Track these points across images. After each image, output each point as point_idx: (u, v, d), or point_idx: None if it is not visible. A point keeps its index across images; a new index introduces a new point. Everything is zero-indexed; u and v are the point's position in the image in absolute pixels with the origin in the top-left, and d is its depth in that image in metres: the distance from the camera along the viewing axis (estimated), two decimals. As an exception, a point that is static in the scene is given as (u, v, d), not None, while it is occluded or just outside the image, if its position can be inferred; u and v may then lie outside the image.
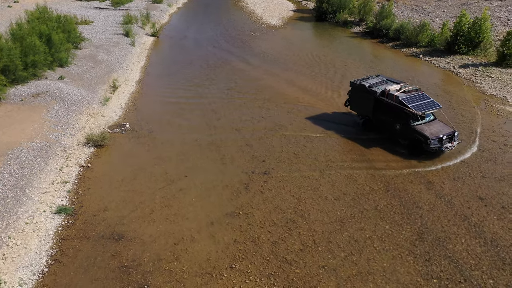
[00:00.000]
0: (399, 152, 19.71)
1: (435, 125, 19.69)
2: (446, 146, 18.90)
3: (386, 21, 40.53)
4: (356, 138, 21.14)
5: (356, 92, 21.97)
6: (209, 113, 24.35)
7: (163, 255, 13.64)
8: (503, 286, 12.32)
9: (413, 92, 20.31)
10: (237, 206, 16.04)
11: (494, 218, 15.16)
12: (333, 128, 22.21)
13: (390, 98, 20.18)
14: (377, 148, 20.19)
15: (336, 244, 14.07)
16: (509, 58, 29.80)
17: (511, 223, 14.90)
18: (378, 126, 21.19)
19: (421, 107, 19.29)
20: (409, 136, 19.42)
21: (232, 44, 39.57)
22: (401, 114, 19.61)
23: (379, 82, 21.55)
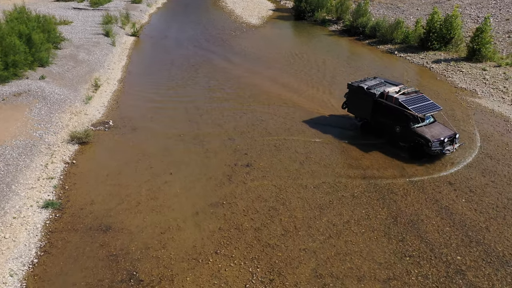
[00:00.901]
0: (369, 141, 20.65)
1: (436, 127, 19.38)
2: (447, 148, 18.52)
3: (363, 19, 41.67)
4: (330, 125, 22.02)
5: (354, 94, 21.51)
6: (192, 110, 24.86)
7: (151, 243, 14.14)
8: (470, 262, 13.27)
9: (412, 94, 19.99)
10: (221, 197, 16.64)
11: (463, 201, 16.17)
12: (310, 122, 23.01)
13: (389, 100, 19.84)
14: (351, 140, 21.10)
15: (315, 228, 14.82)
16: (479, 53, 31.17)
17: (477, 204, 15.92)
18: (377, 129, 20.84)
19: (421, 109, 18.97)
20: (409, 139, 19.05)
21: (213, 43, 40.08)
22: (401, 117, 19.28)
23: (377, 84, 21.16)
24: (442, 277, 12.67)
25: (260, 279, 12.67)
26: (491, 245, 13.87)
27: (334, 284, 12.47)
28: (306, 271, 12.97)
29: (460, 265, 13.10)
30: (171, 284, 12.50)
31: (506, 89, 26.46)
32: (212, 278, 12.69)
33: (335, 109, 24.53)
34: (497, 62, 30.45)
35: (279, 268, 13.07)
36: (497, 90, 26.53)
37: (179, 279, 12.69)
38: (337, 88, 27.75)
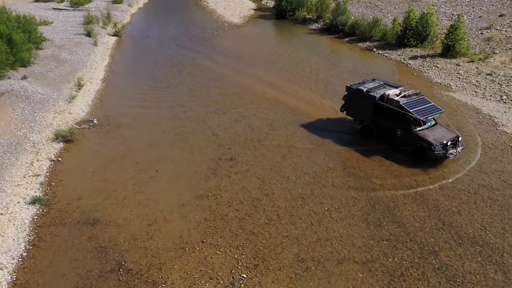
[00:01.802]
0: (350, 132, 21.42)
1: (438, 130, 19.02)
2: (450, 152, 18.15)
3: (342, 18, 42.55)
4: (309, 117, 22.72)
5: (353, 97, 21.06)
6: (176, 107, 25.23)
7: (138, 235, 14.54)
8: (443, 243, 14.06)
9: (413, 96, 19.55)
10: (206, 189, 17.12)
11: (436, 187, 17.02)
12: (291, 117, 23.66)
13: (390, 103, 19.34)
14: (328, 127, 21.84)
15: (298, 217, 15.44)
16: (453, 49, 32.30)
17: (450, 190, 16.79)
18: (378, 133, 20.41)
19: (422, 112, 18.48)
20: (411, 142, 18.72)
21: (195, 43, 40.41)
22: (402, 120, 18.92)
23: (377, 86, 20.69)
24: (417, 258, 13.43)
25: (245, 264, 13.22)
26: (462, 228, 14.71)
27: (315, 267, 13.10)
28: (289, 256, 13.57)
29: (434, 247, 13.88)
30: (159, 272, 12.94)
31: (479, 83, 27.59)
32: (199, 265, 13.18)
33: (318, 105, 25.24)
34: (470, 58, 31.61)
35: (263, 254, 13.64)
36: (470, 84, 27.63)
37: (167, 267, 13.15)
38: (318, 85, 28.51)
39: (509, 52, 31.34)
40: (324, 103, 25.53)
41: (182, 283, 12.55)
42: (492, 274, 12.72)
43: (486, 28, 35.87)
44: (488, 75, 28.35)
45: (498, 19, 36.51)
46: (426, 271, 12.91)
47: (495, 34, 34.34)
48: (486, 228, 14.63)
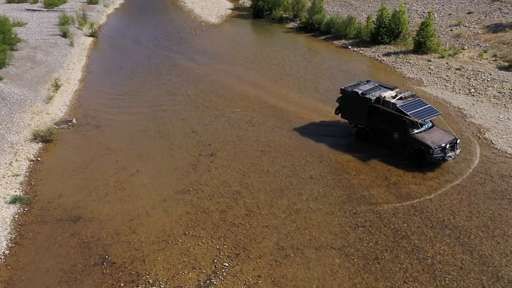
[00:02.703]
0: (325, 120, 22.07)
1: (435, 132, 18.66)
2: (449, 155, 17.81)
3: (318, 16, 43.36)
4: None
5: (348, 99, 20.55)
6: (155, 106, 25.42)
7: (121, 230, 14.78)
8: (415, 228, 14.80)
9: (409, 98, 19.18)
10: (187, 184, 17.46)
11: (409, 177, 17.81)
12: (268, 112, 24.19)
13: (386, 106, 18.94)
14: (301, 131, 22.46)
15: (277, 208, 15.95)
16: (424, 45, 33.45)
17: (422, 179, 17.60)
18: (374, 136, 20.05)
19: (420, 114, 18.18)
20: (409, 146, 18.34)
21: (173, 42, 40.52)
22: (399, 122, 18.61)
23: (372, 88, 20.22)
24: (390, 242, 14.11)
25: (227, 254, 13.64)
26: (433, 213, 15.49)
27: (294, 254, 13.63)
28: (269, 244, 14.06)
29: (406, 231, 14.61)
30: (143, 264, 13.24)
31: (448, 77, 28.71)
32: (182, 256, 13.54)
33: (297, 102, 25.84)
34: (441, 54, 32.80)
35: (244, 244, 14.09)
36: (440, 79, 28.72)
37: (150, 259, 13.46)
38: (296, 83, 29.14)
39: (477, 48, 32.65)
40: (304, 100, 26.12)
41: (166, 273, 12.89)
42: (460, 255, 13.50)
43: (455, 25, 37.19)
44: (457, 69, 29.53)
45: (467, 16, 37.91)
46: (399, 254, 13.60)
47: (463, 30, 35.67)
48: (454, 212, 15.45)
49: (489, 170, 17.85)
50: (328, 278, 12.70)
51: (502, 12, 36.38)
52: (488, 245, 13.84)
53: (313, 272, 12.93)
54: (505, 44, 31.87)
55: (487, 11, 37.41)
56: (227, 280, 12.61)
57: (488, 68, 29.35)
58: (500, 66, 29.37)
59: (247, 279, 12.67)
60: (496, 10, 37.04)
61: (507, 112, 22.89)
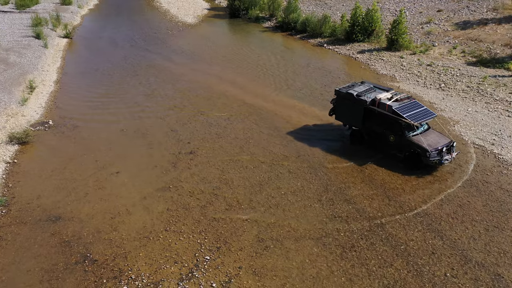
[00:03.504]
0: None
1: (432, 135, 18.41)
2: (446, 158, 17.56)
3: (293, 16, 43.97)
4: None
5: (343, 101, 20.18)
6: (133, 106, 25.42)
7: (102, 228, 14.86)
8: (389, 216, 15.39)
9: (405, 100, 18.91)
10: (167, 182, 17.63)
11: (383, 169, 18.43)
12: (246, 110, 24.53)
13: (382, 108, 18.63)
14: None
15: (256, 202, 16.31)
16: (396, 43, 34.43)
17: (395, 168, 18.24)
18: (369, 138, 19.71)
19: (416, 117, 17.92)
20: (405, 148, 18.10)
21: (150, 43, 40.41)
22: (395, 125, 18.31)
23: (367, 90, 19.88)
24: (366, 231, 14.66)
25: (208, 247, 13.92)
26: (405, 202, 16.13)
27: (274, 246, 14.01)
28: (249, 237, 14.40)
29: (381, 220, 15.18)
30: (125, 260, 13.38)
31: (420, 73, 29.68)
32: (164, 252, 13.73)
33: (271, 99, 26.26)
34: (413, 50, 33.85)
35: (225, 238, 14.39)
36: (412, 75, 29.66)
37: (132, 255, 13.60)
38: (273, 81, 29.60)
39: (446, 44, 33.80)
40: (281, 98, 26.56)
41: (148, 268, 13.06)
42: (431, 240, 14.15)
43: (426, 22, 38.38)
44: (428, 65, 30.55)
45: (437, 14, 39.16)
46: (374, 242, 14.15)
47: (434, 28, 36.85)
48: (426, 201, 16.13)
49: (458, 160, 18.63)
50: (307, 266, 13.13)
51: (470, 9, 37.76)
52: (457, 230, 14.54)
53: (292, 261, 13.33)
54: (472, 40, 33.13)
55: (455, 9, 38.74)
56: (209, 273, 12.89)
57: (457, 63, 30.49)
58: (468, 62, 30.55)
59: (229, 270, 12.98)
60: (464, 8, 38.41)
61: (475, 105, 23.88)
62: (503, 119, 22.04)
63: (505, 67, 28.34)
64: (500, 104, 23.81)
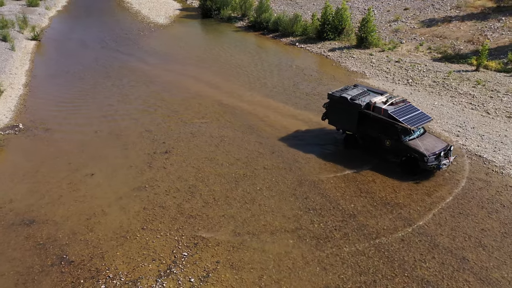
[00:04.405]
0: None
1: (428, 139, 18.03)
2: (444, 163, 17.19)
3: (265, 15, 44.40)
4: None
5: (336, 105, 19.64)
6: (106, 107, 25.22)
7: (77, 229, 14.79)
8: (361, 207, 15.93)
9: (400, 103, 18.52)
10: (143, 182, 17.66)
11: (355, 163, 19.01)
12: (220, 110, 24.75)
13: (377, 112, 18.19)
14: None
15: (232, 198, 16.56)
16: (366, 40, 35.35)
17: (366, 162, 18.86)
18: (363, 142, 19.33)
19: (412, 121, 17.58)
20: (402, 153, 17.72)
21: (121, 44, 40.02)
22: (390, 129, 17.92)
23: (361, 93, 19.37)
24: (339, 222, 15.14)
25: (186, 244, 14.08)
26: (376, 193, 16.72)
27: (251, 239, 14.31)
28: (226, 232, 14.64)
29: (353, 211, 15.70)
30: (102, 260, 13.39)
31: (389, 69, 30.61)
32: (141, 250, 13.81)
33: (245, 98, 26.56)
34: (381, 48, 34.84)
35: (201, 234, 14.57)
36: (381, 71, 30.55)
37: (109, 255, 13.62)
38: (246, 80, 29.92)
39: (413, 42, 34.95)
40: (255, 96, 26.87)
41: (126, 267, 13.12)
42: (401, 228, 14.76)
43: (393, 20, 39.53)
44: (397, 62, 31.54)
45: (403, 12, 40.37)
46: (348, 232, 14.64)
47: (401, 26, 38.01)
48: (395, 191, 16.78)
49: (426, 152, 19.39)
50: (283, 258, 13.48)
51: (435, 7, 39.12)
52: (426, 218, 15.20)
53: (269, 254, 13.66)
54: (438, 37, 34.38)
55: (421, 7, 40.04)
56: (187, 268, 13.06)
57: (423, 59, 31.60)
58: (434, 58, 31.72)
59: (206, 265, 13.19)
60: (429, 6, 39.76)
61: (441, 99, 24.87)
62: (467, 112, 23.07)
63: (468, 62, 29.61)
64: (464, 97, 24.88)
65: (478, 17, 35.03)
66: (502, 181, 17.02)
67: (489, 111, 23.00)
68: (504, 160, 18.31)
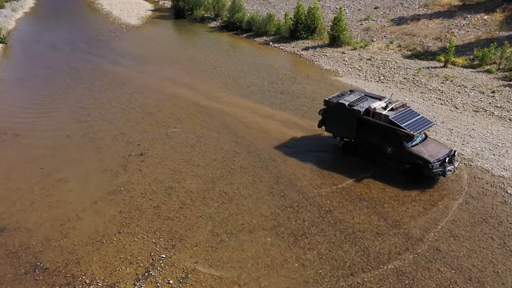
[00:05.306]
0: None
1: (431, 144, 17.44)
2: (449, 169, 16.53)
3: (239, 15, 44.47)
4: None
5: (333, 111, 18.96)
6: (78, 110, 24.74)
7: (51, 236, 14.47)
8: (337, 203, 16.17)
9: (400, 108, 17.88)
10: (118, 185, 17.42)
11: (330, 159, 19.31)
12: (196, 110, 24.66)
13: (377, 118, 17.55)
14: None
15: (210, 198, 16.55)
16: (338, 39, 35.90)
17: (344, 160, 19.20)
18: (363, 149, 18.69)
19: (414, 126, 16.94)
20: (405, 160, 17.06)
21: (92, 46, 39.29)
22: (391, 135, 17.21)
23: (358, 99, 18.66)
24: (316, 218, 15.35)
25: (164, 246, 13.99)
26: (351, 189, 17.04)
27: (229, 239, 14.34)
28: (204, 233, 14.63)
29: (329, 207, 15.95)
30: (78, 266, 13.15)
31: (361, 67, 31.18)
32: (118, 254, 13.63)
33: (220, 98, 26.55)
34: (353, 46, 35.45)
35: (179, 235, 14.51)
36: (354, 69, 31.09)
37: (85, 260, 13.39)
38: (221, 80, 29.94)
39: (384, 40, 35.72)
40: (230, 96, 26.88)
41: (103, 272, 12.93)
42: (376, 222, 15.09)
43: (364, 19, 40.28)
44: (368, 60, 32.17)
45: (374, 11, 41.19)
46: (324, 228, 14.86)
47: (372, 24, 38.79)
48: (370, 186, 17.13)
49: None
50: (262, 256, 13.57)
51: (404, 6, 40.09)
52: (399, 211, 15.60)
53: (247, 252, 13.73)
54: (407, 35, 35.26)
55: (391, 5, 40.96)
56: (165, 270, 12.98)
57: (394, 57, 32.35)
58: (404, 55, 32.53)
59: (185, 266, 13.14)
60: (398, 4, 40.71)
61: (411, 95, 25.52)
62: (436, 107, 23.76)
63: (436, 59, 30.49)
64: (433, 93, 25.62)
65: (445, 15, 36.13)
66: (470, 173, 17.61)
67: (457, 105, 23.77)
68: (472, 152, 18.96)
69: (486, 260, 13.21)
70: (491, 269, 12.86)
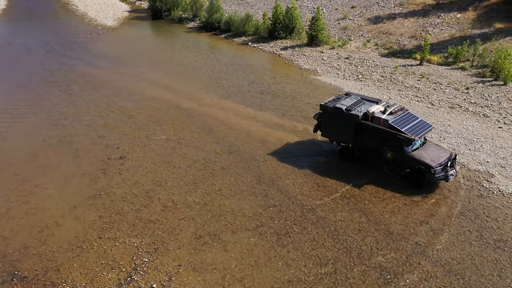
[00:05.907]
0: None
1: (431, 148, 17.17)
2: (451, 173, 16.20)
3: (217, 15, 44.28)
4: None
5: (330, 116, 18.46)
6: (55, 114, 24.19)
7: (29, 243, 14.12)
8: (319, 201, 16.32)
9: (399, 112, 17.60)
10: (97, 189, 17.12)
11: (314, 156, 19.44)
12: (175, 112, 24.47)
13: (376, 122, 17.18)
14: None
15: (192, 200, 16.44)
16: (316, 38, 36.17)
17: (325, 157, 19.33)
18: (361, 154, 18.34)
19: (414, 130, 16.63)
20: (406, 165, 16.72)
21: (67, 48, 38.46)
22: (391, 140, 16.85)
23: (355, 103, 18.15)
24: (299, 217, 15.44)
25: (146, 250, 13.83)
26: (333, 186, 17.20)
27: (212, 240, 14.28)
28: (187, 235, 14.53)
29: (312, 205, 16.06)
30: (57, 273, 12.88)
31: (339, 66, 31.51)
32: (99, 259, 13.41)
33: (200, 99, 26.41)
34: (331, 45, 35.78)
35: (162, 238, 14.37)
36: (332, 68, 31.40)
37: (65, 267, 13.12)
38: (200, 80, 29.78)
39: (361, 38, 36.18)
40: (211, 97, 26.75)
41: (83, 278, 12.69)
42: (357, 219, 15.28)
43: (342, 18, 40.71)
44: (346, 59, 32.54)
45: (351, 11, 41.68)
46: (307, 226, 14.96)
47: (349, 23, 39.24)
48: (351, 183, 17.33)
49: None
50: (245, 256, 13.57)
51: (380, 5, 40.69)
52: (379, 207, 15.84)
53: (231, 253, 13.70)
54: (384, 34, 35.82)
55: (367, 5, 41.50)
56: (148, 274, 12.83)
57: (371, 55, 32.81)
58: (381, 54, 33.03)
59: (168, 269, 13.02)
60: (374, 4, 41.29)
61: (389, 93, 25.92)
62: (413, 104, 24.22)
63: (412, 57, 31.08)
64: (410, 90, 26.11)
65: (420, 14, 36.85)
66: (448, 168, 18.02)
67: (433, 102, 24.28)
68: (449, 148, 19.39)
69: (464, 252, 13.55)
70: (469, 261, 13.20)
